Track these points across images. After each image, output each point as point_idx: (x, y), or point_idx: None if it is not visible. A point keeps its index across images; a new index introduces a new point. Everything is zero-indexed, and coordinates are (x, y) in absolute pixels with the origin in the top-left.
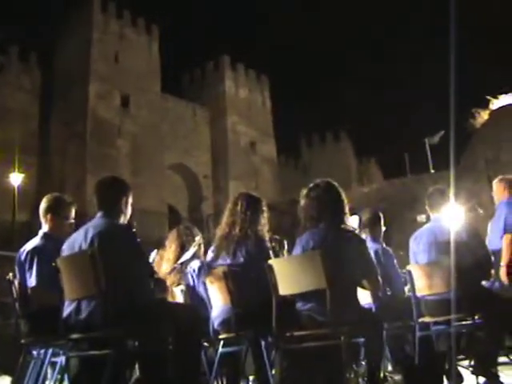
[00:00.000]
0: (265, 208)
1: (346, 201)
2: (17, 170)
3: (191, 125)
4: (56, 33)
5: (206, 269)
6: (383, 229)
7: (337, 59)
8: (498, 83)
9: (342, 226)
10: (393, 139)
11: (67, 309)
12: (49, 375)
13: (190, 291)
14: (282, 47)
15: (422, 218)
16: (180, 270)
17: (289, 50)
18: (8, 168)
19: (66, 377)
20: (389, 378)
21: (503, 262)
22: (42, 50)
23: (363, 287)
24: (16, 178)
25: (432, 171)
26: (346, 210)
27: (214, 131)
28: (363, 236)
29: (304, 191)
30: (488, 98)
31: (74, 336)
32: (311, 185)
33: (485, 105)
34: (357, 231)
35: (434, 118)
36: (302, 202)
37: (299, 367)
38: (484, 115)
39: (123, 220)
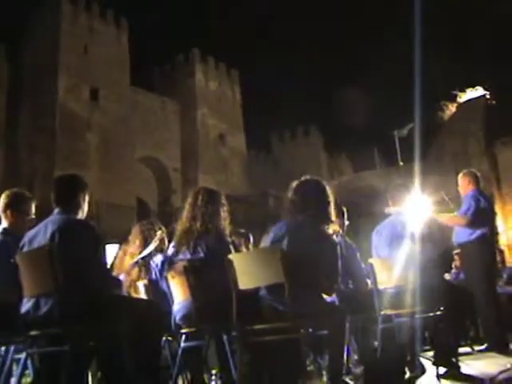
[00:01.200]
0: (224, 201)
1: (332, 202)
2: None
3: (161, 118)
4: (24, 25)
5: (168, 263)
6: (346, 222)
7: (304, 54)
8: (465, 77)
9: (322, 226)
10: (363, 133)
11: (26, 305)
12: (14, 372)
13: (153, 286)
14: (252, 41)
15: (390, 210)
16: (143, 264)
17: (260, 44)
18: None
19: (30, 372)
20: (352, 370)
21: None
22: (10, 42)
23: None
24: None
25: (401, 163)
26: (331, 210)
27: (184, 124)
28: None
29: (292, 185)
30: (455, 92)
31: (33, 333)
32: (300, 179)
33: (453, 98)
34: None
35: (403, 111)
36: (289, 194)
37: (260, 361)
38: (452, 108)
39: (81, 216)
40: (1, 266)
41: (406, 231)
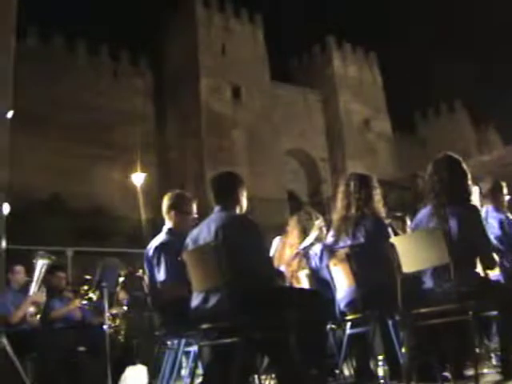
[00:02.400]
0: (376, 184)
1: (468, 175)
2: (139, 169)
3: (303, 109)
4: (162, 34)
5: (328, 252)
6: (507, 197)
7: (445, 30)
8: None
9: (466, 200)
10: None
11: (195, 300)
12: (184, 364)
13: (314, 275)
14: (387, 22)
15: None
16: (303, 254)
17: (395, 24)
18: (130, 168)
19: (199, 365)
20: None
21: None
22: (151, 53)
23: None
24: (138, 178)
25: None
26: (468, 184)
27: (327, 113)
28: (485, 207)
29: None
30: None
31: (204, 326)
32: (432, 160)
33: None
34: (478, 202)
35: None
36: (425, 177)
37: (427, 345)
38: None
39: (239, 211)
40: (170, 264)
41: None
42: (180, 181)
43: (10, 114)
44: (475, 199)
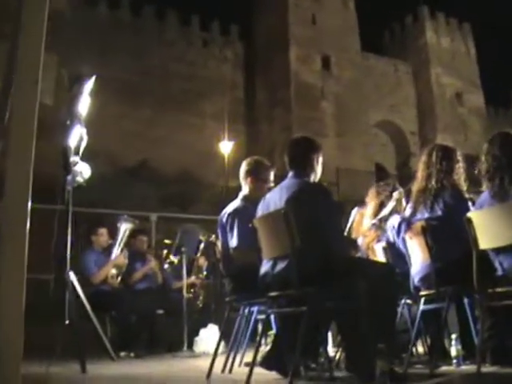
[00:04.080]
0: (460, 158)
1: None
2: (227, 137)
3: (394, 81)
4: (253, 4)
5: (405, 224)
6: None
7: None
8: None
9: None
10: None
11: (264, 267)
12: (259, 330)
13: (391, 248)
14: None
15: None
16: (379, 226)
17: None
18: (219, 137)
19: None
20: None
21: None
22: (241, 23)
23: None
24: (226, 146)
25: None
26: None
27: (418, 85)
28: None
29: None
30: None
31: (272, 294)
32: (489, 138)
33: None
34: None
35: None
36: (482, 157)
37: (504, 325)
38: None
39: (314, 178)
40: (243, 231)
41: None
42: (268, 150)
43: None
44: None
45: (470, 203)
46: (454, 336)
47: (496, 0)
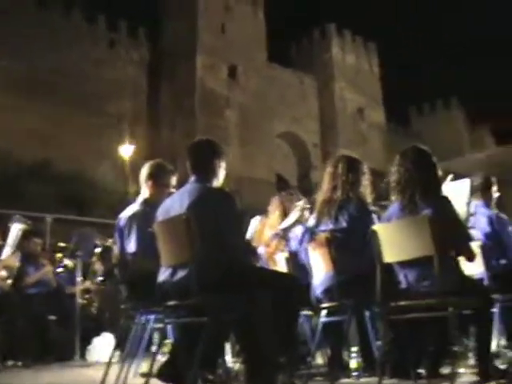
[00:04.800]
0: (366, 170)
1: (436, 167)
2: (128, 141)
3: (299, 93)
4: (162, 7)
5: (308, 235)
6: (496, 194)
7: (447, 25)
8: None
9: (436, 192)
10: (509, 105)
11: (163, 275)
12: (156, 340)
13: (293, 258)
14: (390, 14)
15: None
16: (282, 236)
17: (397, 16)
18: (119, 140)
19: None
20: (501, 354)
21: None
22: (150, 26)
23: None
24: (127, 150)
25: None
26: (437, 176)
27: (322, 99)
28: (474, 201)
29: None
30: None
31: (170, 303)
32: (400, 152)
33: None
34: (467, 195)
35: None
36: (392, 169)
37: (404, 340)
38: None
39: (216, 184)
40: (142, 236)
41: None
42: (170, 156)
43: None
44: (465, 192)
45: (375, 216)
46: (354, 349)
47: (400, 22)
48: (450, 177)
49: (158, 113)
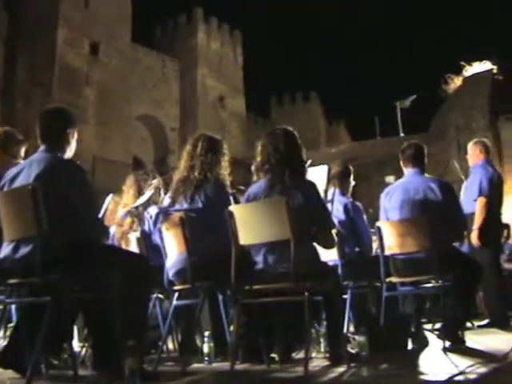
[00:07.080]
0: (226, 151)
1: (303, 149)
2: None
3: (161, 76)
4: None
5: (162, 215)
6: (352, 183)
7: (311, 20)
8: (473, 50)
9: (303, 174)
10: (364, 102)
11: (4, 250)
12: None
13: (146, 239)
14: (257, 4)
15: (390, 179)
16: (135, 215)
17: (264, 7)
18: None
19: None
20: (351, 340)
21: (476, 225)
22: None
23: (317, 241)
24: None
25: (402, 135)
26: (304, 157)
27: (184, 84)
28: (331, 188)
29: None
30: (462, 64)
31: (12, 281)
32: (268, 131)
33: (458, 71)
34: (325, 181)
35: (406, 82)
36: (258, 149)
37: (258, 323)
38: (457, 81)
39: (68, 155)
40: None
41: (419, 195)
42: (23, 132)
43: None
44: (322, 178)
45: (231, 197)
46: (206, 333)
47: (266, 15)
48: (309, 162)
49: (14, 86)
